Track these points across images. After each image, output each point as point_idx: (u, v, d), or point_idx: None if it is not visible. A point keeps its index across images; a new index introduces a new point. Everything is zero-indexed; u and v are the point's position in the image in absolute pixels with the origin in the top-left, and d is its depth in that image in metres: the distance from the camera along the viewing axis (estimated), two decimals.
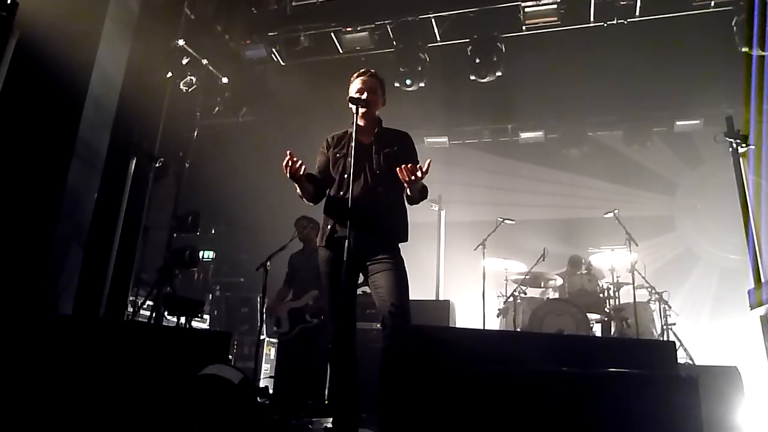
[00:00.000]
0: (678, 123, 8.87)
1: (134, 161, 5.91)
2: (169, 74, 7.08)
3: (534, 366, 2.07)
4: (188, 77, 7.21)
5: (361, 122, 3.27)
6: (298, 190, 3.25)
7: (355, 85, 3.38)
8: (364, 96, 3.29)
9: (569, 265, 7.33)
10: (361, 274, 3.28)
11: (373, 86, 3.36)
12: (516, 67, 7.78)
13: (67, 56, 4.93)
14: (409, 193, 3.14)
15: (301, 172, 3.13)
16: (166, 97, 7.10)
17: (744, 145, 4.63)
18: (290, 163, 3.07)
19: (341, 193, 3.21)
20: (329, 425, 3.21)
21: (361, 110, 3.23)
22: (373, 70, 3.45)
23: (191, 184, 7.41)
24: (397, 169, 3.01)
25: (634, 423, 2.03)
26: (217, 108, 8.31)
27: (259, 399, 4.70)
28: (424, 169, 2.98)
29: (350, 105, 3.22)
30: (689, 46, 7.53)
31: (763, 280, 4.09)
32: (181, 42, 7.03)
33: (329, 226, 3.24)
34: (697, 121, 8.75)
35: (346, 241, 2.90)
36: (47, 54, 4.76)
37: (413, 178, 2.96)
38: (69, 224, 4.96)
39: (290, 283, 5.91)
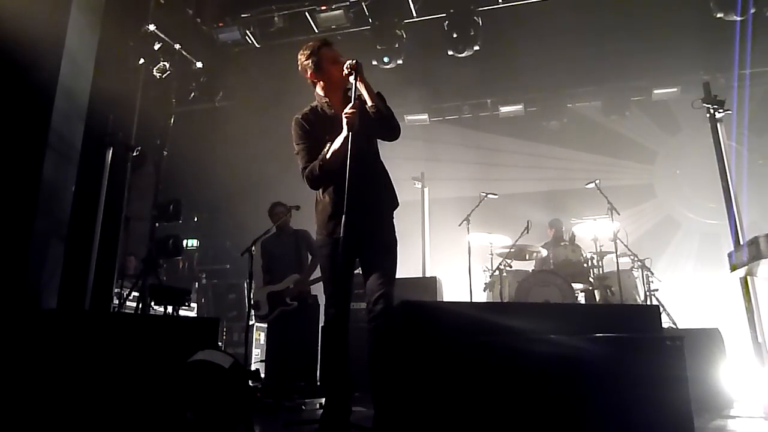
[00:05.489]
0: (656, 91, 8.93)
1: (111, 151, 5.80)
2: (142, 61, 6.93)
3: (522, 335, 2.10)
4: (161, 63, 7.07)
5: (332, 97, 3.21)
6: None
7: (330, 54, 3.25)
8: (345, 69, 3.09)
9: (550, 228, 7.43)
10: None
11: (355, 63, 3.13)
12: (493, 41, 7.74)
13: (34, 46, 4.79)
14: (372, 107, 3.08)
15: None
16: (139, 85, 6.96)
17: (721, 110, 4.66)
18: None
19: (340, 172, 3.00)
20: (322, 405, 3.23)
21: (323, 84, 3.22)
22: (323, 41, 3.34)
23: (171, 172, 7.32)
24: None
25: (623, 384, 2.07)
26: (192, 93, 8.18)
27: (251, 383, 4.72)
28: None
29: (347, 74, 3.08)
30: (665, 13, 7.55)
31: (742, 242, 4.17)
32: (151, 27, 6.88)
33: (334, 208, 3.10)
34: (675, 89, 8.82)
35: (342, 221, 2.81)
36: (13, 45, 4.62)
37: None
38: (47, 219, 4.87)
39: (268, 269, 5.91)
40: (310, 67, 3.27)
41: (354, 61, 3.07)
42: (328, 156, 3.08)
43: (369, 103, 3.09)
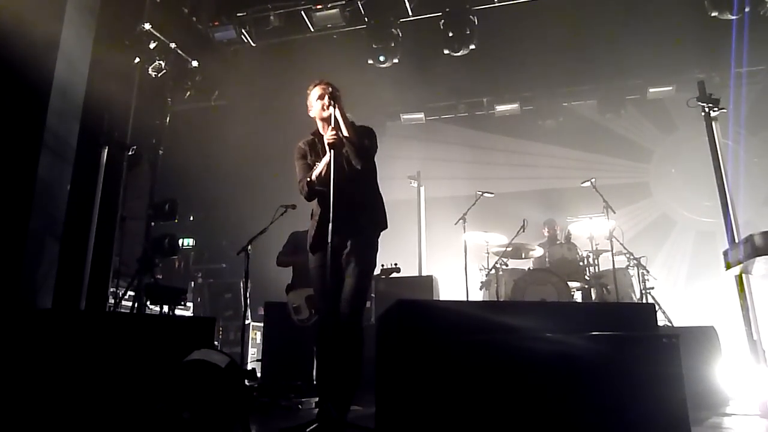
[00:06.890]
0: (651, 90, 8.94)
1: (106, 150, 5.78)
2: (137, 59, 6.91)
3: (518, 333, 2.10)
4: (157, 62, 7.05)
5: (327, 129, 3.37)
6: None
7: (315, 92, 3.51)
8: (326, 101, 3.37)
9: (545, 227, 7.46)
10: None
11: (333, 92, 3.43)
12: (489, 39, 7.74)
13: (29, 45, 4.76)
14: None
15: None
16: (135, 83, 6.94)
17: (716, 109, 4.68)
18: None
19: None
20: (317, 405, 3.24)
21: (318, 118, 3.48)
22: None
23: (166, 171, 7.30)
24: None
25: (619, 382, 2.07)
26: (188, 92, 8.16)
27: (247, 382, 4.71)
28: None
29: (328, 104, 3.35)
30: (660, 12, 7.57)
31: (737, 240, 4.18)
32: (147, 26, 6.85)
33: (319, 220, 3.40)
34: (670, 88, 8.84)
35: (329, 231, 3.10)
36: (7, 43, 4.60)
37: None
38: (43, 218, 4.85)
39: (295, 254, 5.79)
40: (308, 106, 3.59)
41: (329, 90, 3.40)
42: (313, 177, 3.41)
43: (342, 129, 3.34)
